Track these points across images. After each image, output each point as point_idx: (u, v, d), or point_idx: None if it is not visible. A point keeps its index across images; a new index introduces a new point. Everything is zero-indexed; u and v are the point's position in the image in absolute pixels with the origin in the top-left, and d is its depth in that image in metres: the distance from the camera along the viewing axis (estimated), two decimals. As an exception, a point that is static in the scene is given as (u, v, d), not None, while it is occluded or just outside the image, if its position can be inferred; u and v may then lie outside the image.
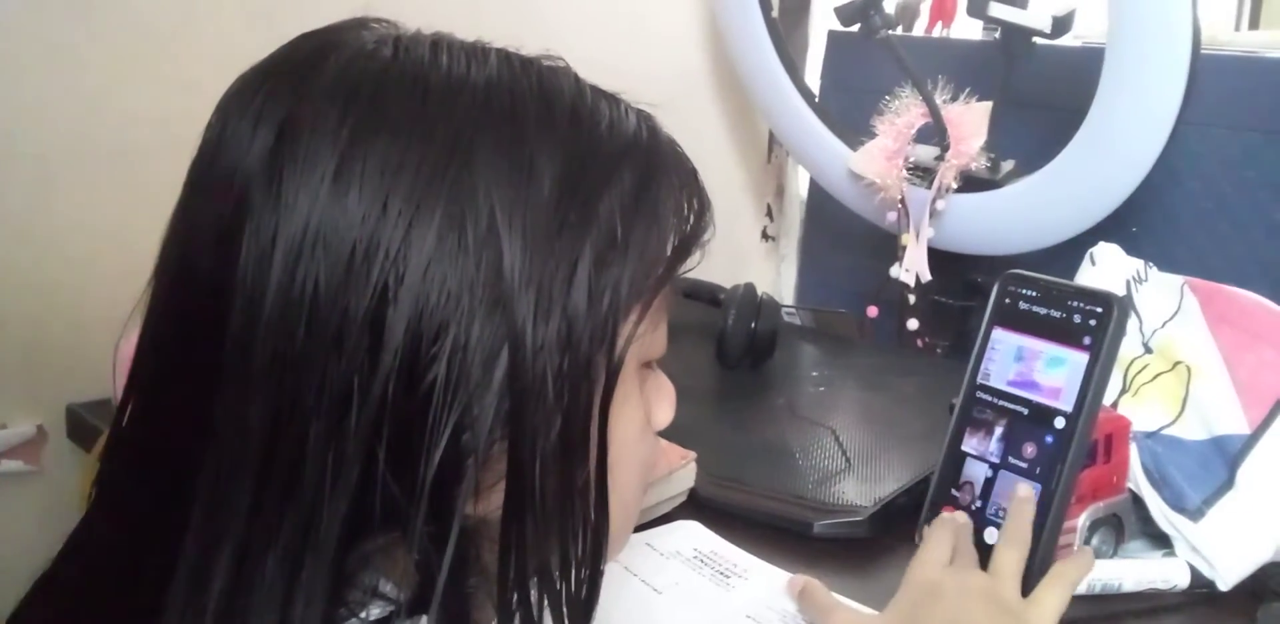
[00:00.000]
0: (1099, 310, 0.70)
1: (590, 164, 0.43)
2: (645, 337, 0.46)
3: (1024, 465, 0.71)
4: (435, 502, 0.40)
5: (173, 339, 0.44)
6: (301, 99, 0.41)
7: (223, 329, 0.41)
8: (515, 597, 0.42)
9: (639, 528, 0.77)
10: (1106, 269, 0.87)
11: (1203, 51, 0.88)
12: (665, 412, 0.53)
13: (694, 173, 0.48)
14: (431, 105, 0.41)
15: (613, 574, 0.71)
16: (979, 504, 0.73)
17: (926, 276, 1.08)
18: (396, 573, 0.43)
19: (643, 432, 0.49)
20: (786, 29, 1.24)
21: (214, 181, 0.42)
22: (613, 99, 0.46)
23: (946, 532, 0.69)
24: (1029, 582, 0.69)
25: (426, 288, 0.39)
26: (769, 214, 1.45)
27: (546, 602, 0.43)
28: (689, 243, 0.46)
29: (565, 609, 0.44)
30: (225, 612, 0.40)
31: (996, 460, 0.72)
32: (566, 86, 0.44)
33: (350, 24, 0.45)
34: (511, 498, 0.42)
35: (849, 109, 1.17)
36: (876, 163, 1.08)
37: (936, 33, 1.25)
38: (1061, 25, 0.99)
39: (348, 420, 0.39)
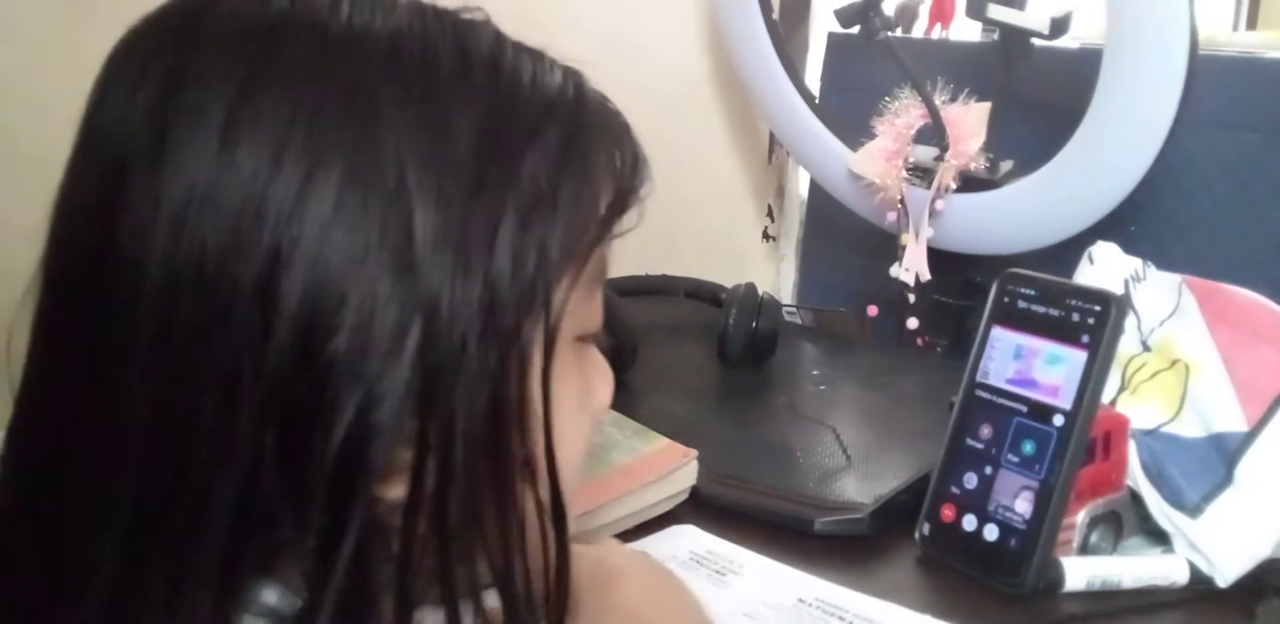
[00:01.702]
0: (1097, 309, 0.71)
1: (511, 119, 0.40)
2: (580, 305, 0.43)
3: (1022, 463, 0.72)
4: (341, 492, 0.37)
5: (59, 318, 0.41)
6: (187, 49, 0.38)
7: (108, 303, 0.37)
8: (414, 602, 0.39)
9: (636, 532, 0.77)
10: (1105, 268, 0.87)
11: (1200, 52, 0.89)
12: (604, 391, 0.49)
13: (625, 127, 0.45)
14: (331, 53, 0.38)
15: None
16: (977, 501, 0.73)
17: (926, 276, 1.08)
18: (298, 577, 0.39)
19: (580, 408, 0.46)
20: (787, 31, 1.25)
21: (96, 143, 0.39)
22: (537, 54, 0.43)
23: None
24: (1030, 577, 0.70)
25: (324, 252, 0.36)
26: (770, 214, 1.45)
27: (505, 605, 0.40)
28: (623, 200, 0.44)
29: (524, 609, 0.41)
30: (108, 620, 0.37)
31: (996, 458, 0.73)
32: (485, 39, 0.41)
33: None
34: (419, 485, 0.38)
35: (849, 110, 1.17)
36: (876, 163, 1.09)
37: (935, 34, 1.26)
38: (1059, 26, 1.00)
39: (238, 399, 0.36)
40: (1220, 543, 0.72)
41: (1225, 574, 0.72)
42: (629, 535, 0.77)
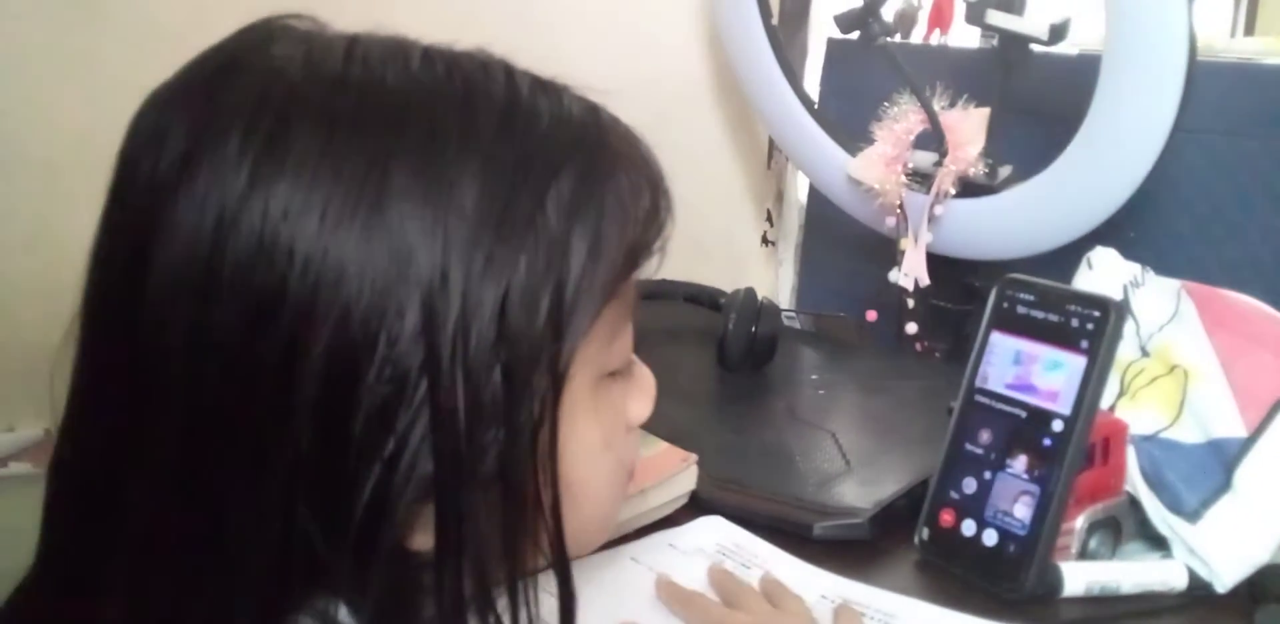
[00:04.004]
0: (1096, 314, 0.71)
1: (524, 172, 0.40)
2: (601, 348, 0.43)
3: (1022, 468, 0.72)
4: (368, 545, 0.38)
5: (96, 371, 0.42)
6: (200, 132, 0.39)
7: (141, 362, 0.39)
8: None
9: (655, 526, 0.78)
10: (1103, 273, 0.87)
11: (1199, 59, 0.89)
12: (641, 407, 0.50)
13: (645, 163, 0.44)
14: (340, 138, 0.38)
15: (636, 574, 0.72)
16: (976, 506, 0.73)
17: (925, 281, 1.09)
18: None
19: (604, 446, 0.46)
20: (786, 36, 1.25)
21: (126, 213, 0.41)
22: (554, 93, 0.43)
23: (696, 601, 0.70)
24: (1029, 582, 0.70)
25: (341, 334, 0.37)
26: (769, 219, 1.45)
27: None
28: (642, 245, 0.43)
29: None
30: None
31: (995, 463, 0.73)
32: (496, 89, 0.41)
33: (258, 35, 0.42)
34: (444, 533, 0.39)
35: (848, 115, 1.17)
36: (875, 169, 1.09)
37: (934, 40, 1.26)
38: (1058, 32, 1.00)
39: (269, 459, 0.38)
40: (1219, 548, 0.72)
41: (1224, 580, 0.72)
42: (652, 527, 0.78)
